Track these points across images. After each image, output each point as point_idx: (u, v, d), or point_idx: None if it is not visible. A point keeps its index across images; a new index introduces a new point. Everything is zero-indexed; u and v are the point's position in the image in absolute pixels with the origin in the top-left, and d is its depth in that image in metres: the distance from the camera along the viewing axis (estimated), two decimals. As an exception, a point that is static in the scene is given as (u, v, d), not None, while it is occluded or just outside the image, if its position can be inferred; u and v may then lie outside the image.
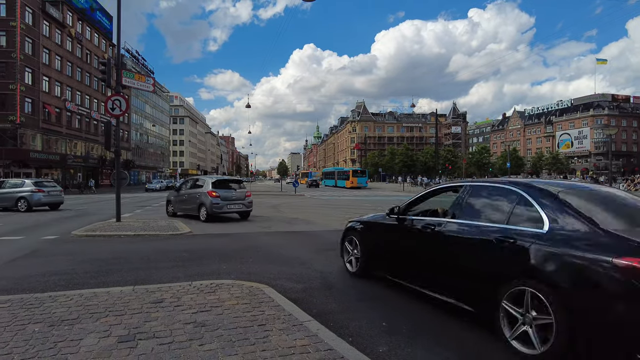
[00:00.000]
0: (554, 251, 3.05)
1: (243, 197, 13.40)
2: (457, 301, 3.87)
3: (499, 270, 3.41)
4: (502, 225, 3.59)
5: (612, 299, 2.68)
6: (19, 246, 8.15)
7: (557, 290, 2.93)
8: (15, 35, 38.30)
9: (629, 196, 3.82)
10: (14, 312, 3.74)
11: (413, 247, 4.63)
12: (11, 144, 37.63)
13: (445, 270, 4.04)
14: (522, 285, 3.17)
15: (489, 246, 3.55)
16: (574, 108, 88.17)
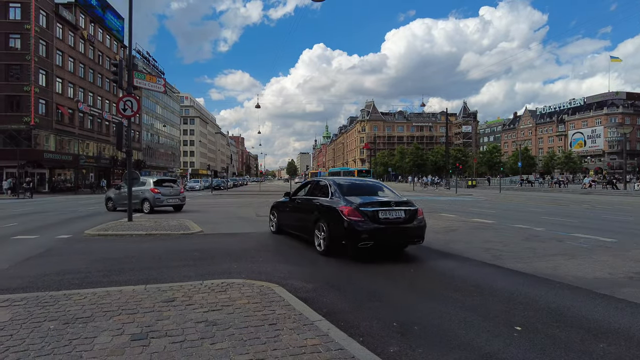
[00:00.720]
0: (329, 206, 7.10)
1: (178, 193, 16.86)
2: (307, 236, 7.88)
3: (317, 217, 7.38)
4: (320, 197, 7.72)
5: (339, 222, 6.61)
6: (34, 245, 8.29)
7: (328, 222, 6.94)
8: (29, 38, 38.95)
9: (376, 183, 8.53)
10: (30, 310, 3.81)
11: (293, 212, 8.80)
12: (26, 145, 38.27)
13: (303, 221, 8.11)
14: (320, 221, 7.20)
15: (315, 207, 7.57)
16: (587, 106, 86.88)
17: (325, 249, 7.04)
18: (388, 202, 6.95)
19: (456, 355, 3.15)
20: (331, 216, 6.90)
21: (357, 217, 6.48)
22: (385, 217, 6.63)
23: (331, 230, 6.87)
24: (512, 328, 3.72)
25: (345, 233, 6.52)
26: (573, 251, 7.72)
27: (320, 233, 7.21)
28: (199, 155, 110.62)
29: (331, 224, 6.87)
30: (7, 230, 10.77)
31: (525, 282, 5.42)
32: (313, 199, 7.95)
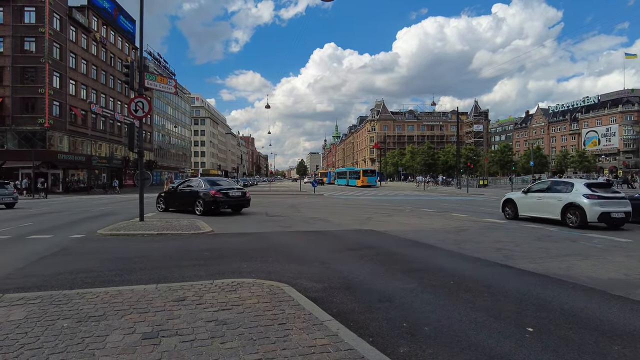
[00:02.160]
0: (204, 192, 14.78)
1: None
2: (192, 210, 15.00)
3: (195, 198, 14.98)
4: (196, 188, 15.32)
5: (211, 200, 14.62)
6: (48, 244, 8.43)
7: (205, 199, 14.64)
8: (44, 41, 39.62)
9: (230, 180, 21.75)
10: (44, 308, 3.87)
11: (177, 196, 16.10)
12: (40, 146, 38.94)
13: (185, 201, 15.54)
14: (199, 199, 14.83)
15: (193, 194, 15.13)
16: (601, 104, 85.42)
17: (201, 213, 14.56)
18: (233, 188, 15.48)
19: (467, 356, 3.12)
20: (205, 195, 14.62)
21: (219, 195, 14.50)
22: (233, 195, 15.07)
23: (205, 203, 14.54)
24: (523, 329, 3.67)
25: (214, 203, 14.52)
26: (587, 251, 7.60)
27: (198, 205, 14.78)
28: (209, 156, 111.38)
29: (206, 200, 14.56)
30: (22, 229, 10.97)
31: (538, 282, 5.35)
32: (191, 188, 15.68)
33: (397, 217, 14.57)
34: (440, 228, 11.23)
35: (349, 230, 10.89)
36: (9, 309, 3.85)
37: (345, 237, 9.54)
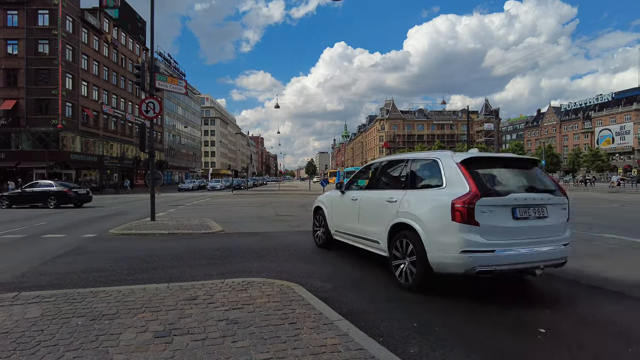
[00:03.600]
0: (58, 190, 19.73)
1: None
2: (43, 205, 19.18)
3: (47, 195, 19.12)
4: (47, 188, 19.49)
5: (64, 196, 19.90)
6: (62, 243, 8.56)
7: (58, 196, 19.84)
8: (57, 43, 40.23)
9: None
10: (59, 306, 3.94)
11: (26, 195, 19.89)
12: (54, 146, 39.57)
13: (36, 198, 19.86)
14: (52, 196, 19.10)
15: (45, 192, 19.42)
16: (615, 102, 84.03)
17: (54, 206, 18.61)
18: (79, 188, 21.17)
19: (477, 357, 3.10)
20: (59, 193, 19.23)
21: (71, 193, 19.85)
22: (80, 193, 20.37)
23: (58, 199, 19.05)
24: (536, 330, 3.63)
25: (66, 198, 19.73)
26: (602, 252, 7.49)
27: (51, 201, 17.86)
28: (219, 156, 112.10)
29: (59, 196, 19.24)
30: (37, 229, 11.16)
31: (551, 283, 5.29)
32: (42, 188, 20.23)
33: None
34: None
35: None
36: (25, 307, 3.92)
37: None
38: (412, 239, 4.80)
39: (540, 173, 5.17)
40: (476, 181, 4.46)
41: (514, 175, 5.01)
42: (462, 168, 4.62)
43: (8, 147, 40.00)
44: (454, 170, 4.65)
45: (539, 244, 4.52)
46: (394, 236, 5.20)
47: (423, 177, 5.22)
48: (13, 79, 40.20)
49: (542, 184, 4.96)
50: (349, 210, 6.67)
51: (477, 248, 4.26)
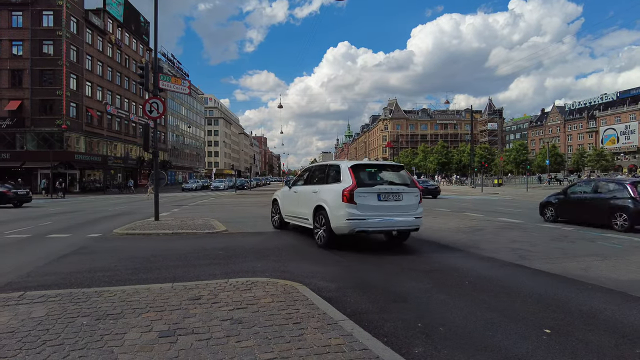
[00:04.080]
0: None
1: None
2: None
3: None
4: None
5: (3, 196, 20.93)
6: (66, 243, 8.60)
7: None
8: (61, 44, 40.43)
9: None
10: (64, 306, 3.96)
11: None
12: (58, 147, 39.77)
13: None
14: None
15: None
16: (620, 101, 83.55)
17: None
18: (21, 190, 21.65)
19: (482, 358, 3.09)
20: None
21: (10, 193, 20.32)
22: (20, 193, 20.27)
23: None
24: (541, 330, 3.62)
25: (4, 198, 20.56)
26: (605, 252, 7.46)
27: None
28: (223, 156, 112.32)
29: None
30: (42, 229, 11.22)
31: (555, 283, 5.27)
32: None
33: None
34: (455, 227, 11.13)
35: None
36: (30, 306, 3.94)
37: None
38: (324, 215, 7.63)
39: (404, 174, 8.14)
40: (357, 178, 7.31)
41: (383, 175, 7.97)
42: (350, 170, 7.46)
43: (13, 147, 40.25)
44: (346, 172, 7.51)
45: (396, 216, 7.39)
46: (315, 214, 8.04)
47: (332, 176, 7.97)
48: (18, 80, 40.44)
49: (402, 180, 7.86)
50: (292, 199, 9.66)
51: (355, 218, 7.10)
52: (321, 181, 8.32)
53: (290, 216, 9.80)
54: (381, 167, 8.32)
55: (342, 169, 7.66)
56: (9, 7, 40.28)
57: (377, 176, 7.86)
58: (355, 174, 7.39)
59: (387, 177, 7.94)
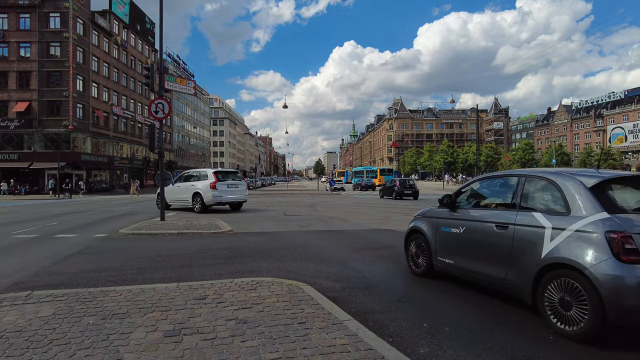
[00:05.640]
0: None
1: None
2: None
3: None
4: None
5: None
6: (73, 243, 8.66)
7: None
8: (68, 46, 40.76)
9: None
10: (71, 305, 3.98)
11: None
12: (65, 147, 40.08)
13: None
14: None
15: None
16: (628, 100, 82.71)
17: None
18: None
19: (489, 358, 3.07)
20: None
21: None
22: None
23: None
24: (548, 331, 3.59)
25: None
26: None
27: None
28: (228, 156, 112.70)
29: None
30: (49, 229, 11.30)
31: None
32: None
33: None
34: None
35: (367, 229, 10.85)
36: (37, 306, 3.97)
37: (363, 237, 9.50)
38: (200, 196, 15.41)
39: (240, 175, 17.57)
40: (217, 177, 15.48)
41: (228, 175, 16.38)
42: (213, 174, 15.57)
43: (21, 148, 40.63)
44: (211, 174, 15.66)
45: (235, 194, 16.17)
46: (193, 198, 15.77)
47: (204, 177, 15.76)
48: (26, 82, 40.80)
49: (238, 178, 16.91)
50: (176, 191, 16.87)
51: (216, 195, 15.32)
52: (198, 180, 15.98)
53: (174, 201, 17.05)
54: (228, 172, 16.77)
55: (209, 173, 15.77)
56: (16, 9, 40.66)
57: (227, 176, 16.15)
58: (216, 174, 15.58)
59: (231, 176, 16.43)
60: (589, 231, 3.38)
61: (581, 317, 3.29)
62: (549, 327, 3.58)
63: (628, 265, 3.13)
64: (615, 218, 3.33)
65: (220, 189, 15.28)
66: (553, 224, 3.67)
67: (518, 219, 4.04)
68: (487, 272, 4.33)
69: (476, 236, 4.55)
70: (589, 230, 3.38)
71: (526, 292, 3.78)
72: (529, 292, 3.74)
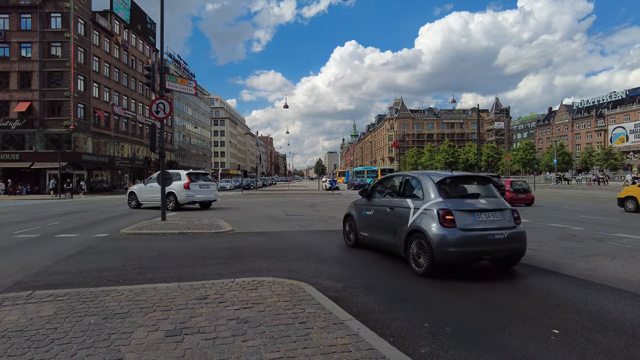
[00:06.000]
0: None
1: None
2: None
3: None
4: None
5: None
6: (74, 243, 8.67)
7: None
8: (69, 46, 40.79)
9: None
10: (72, 305, 3.99)
11: None
12: (66, 147, 40.13)
13: None
14: None
15: None
16: (629, 100, 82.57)
17: None
18: None
19: (490, 358, 3.07)
20: None
21: None
22: None
23: None
24: (549, 331, 3.59)
25: None
26: (615, 252, 7.37)
27: None
28: (229, 156, 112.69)
29: None
30: (50, 229, 11.32)
31: (563, 283, 5.22)
32: None
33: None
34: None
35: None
36: (39, 305, 3.98)
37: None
38: (173, 196, 16.57)
39: (210, 177, 19.70)
40: (190, 178, 16.89)
41: (199, 177, 17.72)
42: (186, 175, 17.04)
43: (22, 148, 40.67)
44: (184, 175, 17.05)
45: (206, 194, 17.74)
46: (168, 197, 15.29)
47: (177, 178, 16.64)
48: (27, 82, 40.84)
49: (209, 179, 18.89)
50: (148, 191, 17.49)
51: (189, 195, 16.91)
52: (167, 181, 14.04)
53: (145, 200, 17.74)
54: (200, 173, 18.03)
55: (182, 174, 17.05)
56: (18, 9, 40.71)
57: (198, 177, 17.51)
58: (189, 176, 16.96)
59: (202, 177, 17.88)
60: (430, 209, 5.51)
61: (425, 262, 5.40)
62: (411, 269, 5.74)
63: (447, 228, 5.24)
64: (445, 201, 5.47)
65: (193, 189, 16.83)
66: (414, 205, 5.85)
67: (399, 203, 6.26)
68: (383, 239, 6.60)
69: (379, 216, 6.80)
70: (430, 209, 5.51)
71: (401, 249, 5.98)
72: (402, 249, 5.93)
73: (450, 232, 5.21)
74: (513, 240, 5.47)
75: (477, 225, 5.37)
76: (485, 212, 5.53)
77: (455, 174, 6.12)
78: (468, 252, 5.26)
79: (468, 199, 5.72)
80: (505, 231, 5.42)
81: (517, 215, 5.75)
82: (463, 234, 5.21)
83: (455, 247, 5.15)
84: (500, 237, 5.35)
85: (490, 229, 5.37)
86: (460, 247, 5.18)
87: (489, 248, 5.31)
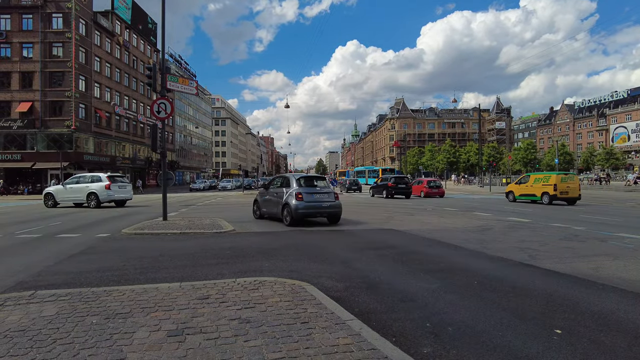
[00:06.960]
0: None
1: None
2: None
3: None
4: None
5: None
6: (76, 243, 8.68)
7: None
8: (70, 46, 40.86)
9: None
10: (74, 305, 3.99)
11: None
12: (67, 148, 40.21)
13: None
14: None
15: None
16: (631, 99, 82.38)
17: None
18: None
19: (491, 358, 3.06)
20: None
21: None
22: None
23: None
24: (551, 331, 3.58)
25: None
26: (617, 251, 7.35)
27: None
28: (230, 156, 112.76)
29: None
30: (52, 229, 11.33)
31: (565, 283, 5.21)
32: None
33: (419, 215, 14.42)
34: (463, 227, 11.06)
35: (369, 229, 10.83)
36: (41, 305, 3.98)
37: (366, 236, 9.49)
38: (95, 195, 18.74)
39: (127, 179, 22.11)
40: (110, 180, 19.26)
41: (119, 178, 20.49)
42: (107, 177, 19.45)
43: (24, 148, 40.76)
44: (105, 177, 19.30)
45: (124, 194, 20.18)
46: (88, 197, 18.74)
47: (98, 180, 19.24)
48: (28, 82, 40.93)
49: (126, 180, 21.18)
50: (67, 192, 19.53)
51: (110, 194, 19.21)
52: (89, 182, 19.17)
53: (63, 200, 19.63)
54: (117, 175, 20.31)
55: (102, 177, 19.03)
56: (19, 10, 40.79)
57: (117, 179, 19.62)
58: (109, 178, 18.89)
59: (120, 179, 20.13)
60: (293, 193, 11.18)
61: (289, 219, 11.17)
62: (285, 223, 11.30)
63: (299, 201, 11.02)
64: (299, 188, 11.26)
65: (113, 189, 19.29)
66: (286, 191, 11.51)
67: (280, 190, 11.98)
68: (274, 212, 12.19)
69: (271, 198, 12.41)
70: (293, 192, 11.19)
71: (281, 215, 11.57)
72: (282, 214, 11.52)
73: (300, 203, 10.96)
74: (333, 207, 11.60)
75: (313, 200, 11.20)
76: (319, 193, 11.48)
77: (306, 175, 12.53)
78: (309, 212, 11.23)
79: (310, 187, 11.61)
80: (328, 202, 11.47)
81: (336, 196, 11.97)
82: (306, 204, 11.01)
83: (302, 210, 10.98)
84: (326, 205, 11.44)
85: (321, 200, 11.34)
86: (305, 210, 11.06)
87: (319, 211, 11.44)
